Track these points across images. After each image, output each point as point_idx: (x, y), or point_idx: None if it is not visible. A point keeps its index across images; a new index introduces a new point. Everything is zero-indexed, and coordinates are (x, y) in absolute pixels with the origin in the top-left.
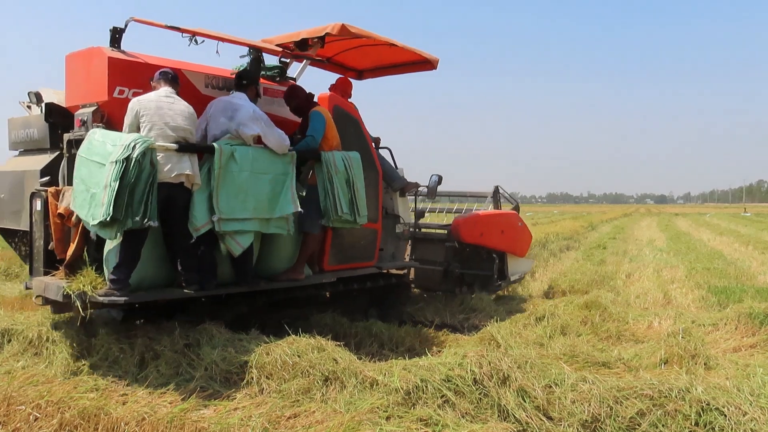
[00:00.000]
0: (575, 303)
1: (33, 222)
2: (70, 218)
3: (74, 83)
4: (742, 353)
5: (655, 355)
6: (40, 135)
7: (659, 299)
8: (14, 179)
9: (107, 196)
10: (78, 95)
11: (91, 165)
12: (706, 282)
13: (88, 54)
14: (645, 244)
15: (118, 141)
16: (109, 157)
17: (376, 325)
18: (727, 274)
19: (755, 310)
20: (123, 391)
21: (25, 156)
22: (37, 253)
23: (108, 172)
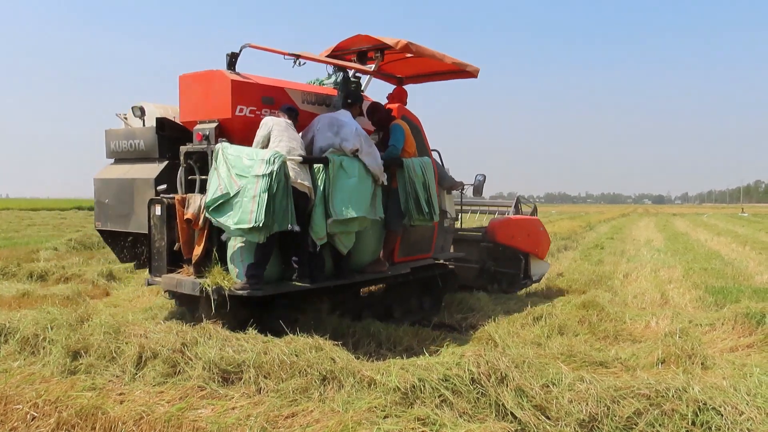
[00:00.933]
0: (573, 303)
1: (152, 225)
2: (196, 222)
3: (190, 101)
4: (738, 353)
5: (653, 354)
6: (147, 146)
7: (656, 299)
8: (122, 186)
9: (257, 204)
10: (195, 112)
11: (230, 176)
12: (704, 282)
13: (208, 76)
14: (643, 244)
15: (254, 156)
16: (248, 170)
17: (374, 325)
18: (724, 274)
19: (752, 310)
20: (120, 390)
21: (123, 164)
22: (157, 254)
23: (254, 184)
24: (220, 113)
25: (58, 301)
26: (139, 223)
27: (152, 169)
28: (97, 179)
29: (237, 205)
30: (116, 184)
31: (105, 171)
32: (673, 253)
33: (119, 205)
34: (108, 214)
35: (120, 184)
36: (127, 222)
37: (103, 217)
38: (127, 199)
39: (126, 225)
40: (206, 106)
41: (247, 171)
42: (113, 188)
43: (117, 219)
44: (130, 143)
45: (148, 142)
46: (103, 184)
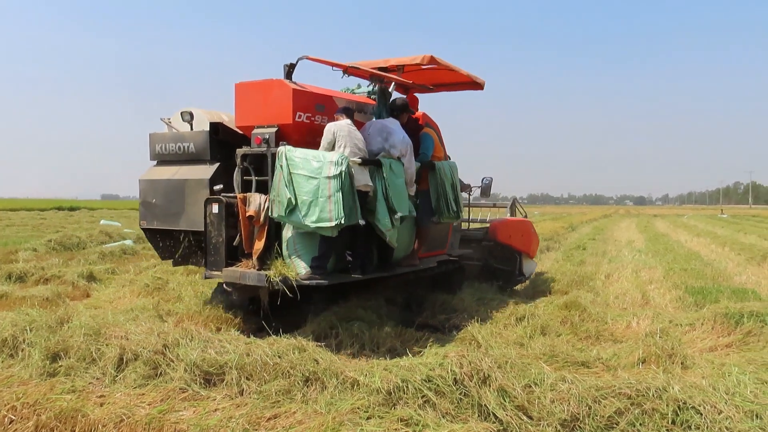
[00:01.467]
0: (555, 303)
1: (209, 223)
2: (258, 219)
3: (247, 107)
4: (718, 353)
5: (633, 354)
6: (198, 148)
7: (638, 299)
8: (172, 186)
9: (334, 203)
10: (252, 118)
11: (299, 177)
12: (684, 283)
13: (267, 84)
14: (624, 245)
15: (322, 158)
16: (318, 172)
17: (357, 326)
18: (703, 274)
19: (731, 311)
20: (101, 392)
21: (170, 166)
22: (214, 249)
23: (327, 185)
24: (281, 119)
25: (37, 302)
26: (191, 221)
27: (205, 170)
28: (144, 180)
29: (313, 204)
30: (165, 185)
31: (150, 172)
32: (654, 254)
33: (168, 205)
34: (155, 214)
35: (169, 185)
36: (176, 220)
37: (149, 216)
38: (177, 199)
39: (175, 223)
40: (265, 112)
41: (317, 173)
42: (161, 188)
43: (165, 218)
44: (179, 146)
45: (200, 144)
46: (150, 185)
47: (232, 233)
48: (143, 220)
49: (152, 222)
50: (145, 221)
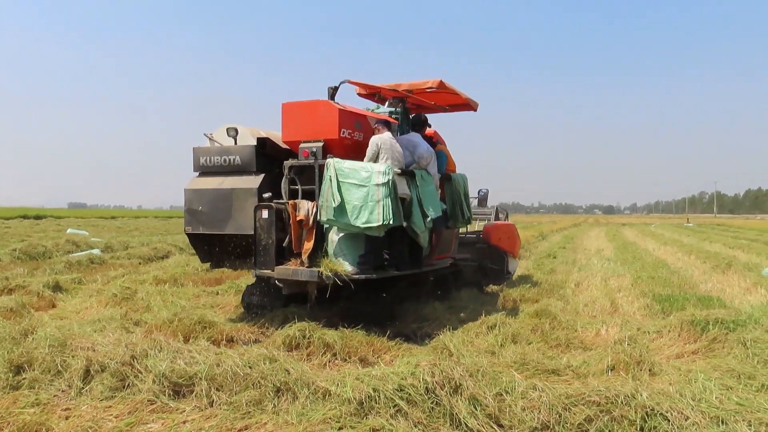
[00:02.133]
0: (526, 311)
1: (259, 227)
2: (307, 222)
3: (293, 124)
4: (684, 359)
5: (603, 362)
6: (244, 161)
7: (607, 307)
8: (219, 195)
9: (383, 207)
10: (299, 133)
11: (349, 186)
12: (651, 290)
13: (313, 104)
14: (593, 253)
15: (370, 169)
16: (367, 180)
17: (329, 335)
18: (670, 282)
19: (697, 318)
20: (66, 405)
21: (214, 177)
22: (264, 250)
23: (376, 191)
24: (327, 134)
25: (0, 313)
26: (238, 225)
27: (252, 180)
28: (189, 189)
29: (363, 208)
30: (211, 194)
31: (195, 182)
32: (623, 262)
33: (214, 212)
34: (201, 220)
35: (216, 194)
36: (223, 225)
37: (194, 222)
38: (224, 206)
39: (222, 228)
40: (312, 129)
41: (367, 181)
42: (208, 197)
43: (211, 223)
44: (224, 159)
45: (246, 157)
46: (196, 194)
47: (280, 236)
48: (188, 226)
49: (197, 227)
50: (190, 227)
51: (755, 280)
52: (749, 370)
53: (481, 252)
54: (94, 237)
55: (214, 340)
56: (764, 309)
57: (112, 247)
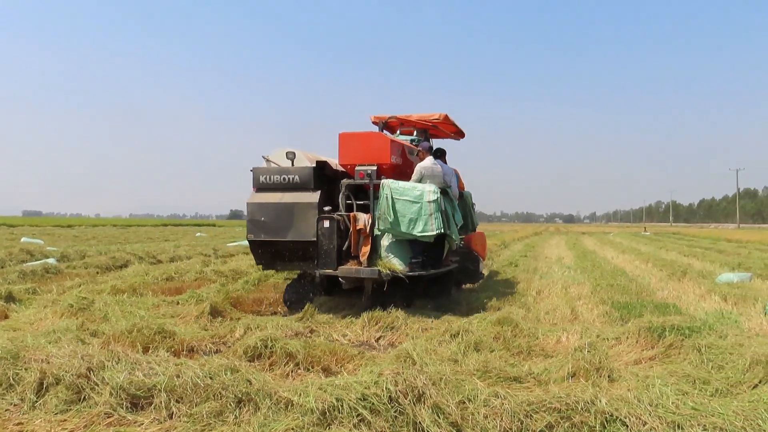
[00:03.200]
0: (488, 319)
1: (321, 235)
2: (365, 231)
3: (349, 150)
4: (642, 365)
5: (563, 369)
6: (303, 179)
7: (567, 315)
8: (281, 208)
9: (435, 219)
10: (354, 158)
11: (404, 202)
12: (610, 298)
13: (367, 135)
14: (554, 261)
15: (421, 188)
16: (419, 197)
17: (291, 344)
18: (629, 290)
19: (654, 325)
20: (19, 419)
21: (273, 193)
22: (326, 254)
23: (428, 206)
24: (381, 160)
25: None
26: (299, 233)
27: (311, 196)
28: (252, 203)
29: (418, 220)
30: (274, 207)
31: (256, 197)
32: (582, 271)
33: (276, 222)
34: (263, 228)
35: (278, 207)
36: (284, 233)
37: (256, 231)
38: (286, 217)
39: (284, 235)
40: (367, 155)
41: (419, 198)
42: (270, 210)
43: (273, 231)
44: (284, 177)
45: (304, 177)
46: (258, 207)
47: (339, 242)
48: (251, 233)
49: (259, 235)
50: (252, 234)
51: (709, 287)
52: (704, 375)
53: (463, 255)
54: (49, 246)
55: (174, 351)
56: (718, 316)
57: (68, 256)
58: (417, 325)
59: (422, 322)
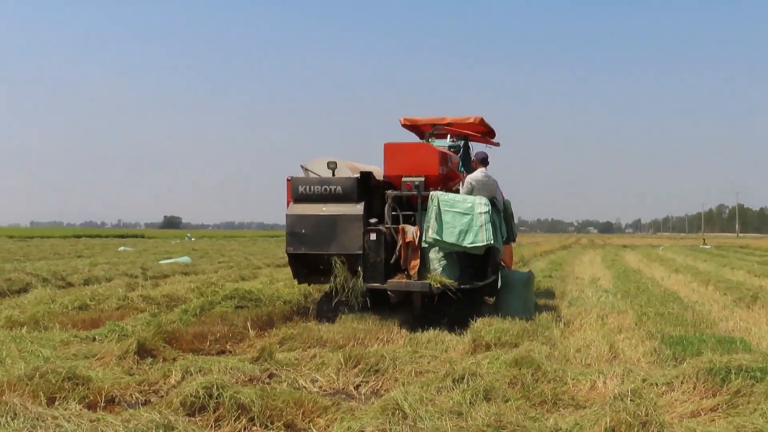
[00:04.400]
0: (502, 359)
1: (368, 247)
2: (414, 243)
3: (395, 161)
4: (701, 418)
5: (600, 423)
6: (346, 190)
7: (604, 353)
8: (323, 220)
9: (485, 231)
10: (401, 168)
11: (454, 213)
12: (659, 331)
13: (415, 146)
14: (587, 283)
15: (471, 200)
16: (470, 209)
17: (243, 392)
18: (683, 320)
19: (716, 365)
20: None
21: (313, 204)
22: (373, 267)
23: (479, 218)
24: (429, 171)
25: None
26: (342, 246)
27: (355, 207)
28: (291, 215)
29: (468, 232)
30: (315, 219)
31: (296, 208)
32: (624, 295)
33: (317, 234)
34: (304, 241)
35: (320, 219)
36: (326, 246)
37: (296, 243)
38: (328, 230)
39: (326, 248)
40: (414, 166)
41: (470, 210)
42: (311, 222)
43: (314, 244)
44: (325, 188)
45: (347, 188)
46: (299, 219)
47: (386, 255)
48: (290, 246)
49: (300, 248)
50: (292, 247)
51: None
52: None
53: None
54: None
55: (89, 403)
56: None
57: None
58: (409, 367)
59: (416, 363)
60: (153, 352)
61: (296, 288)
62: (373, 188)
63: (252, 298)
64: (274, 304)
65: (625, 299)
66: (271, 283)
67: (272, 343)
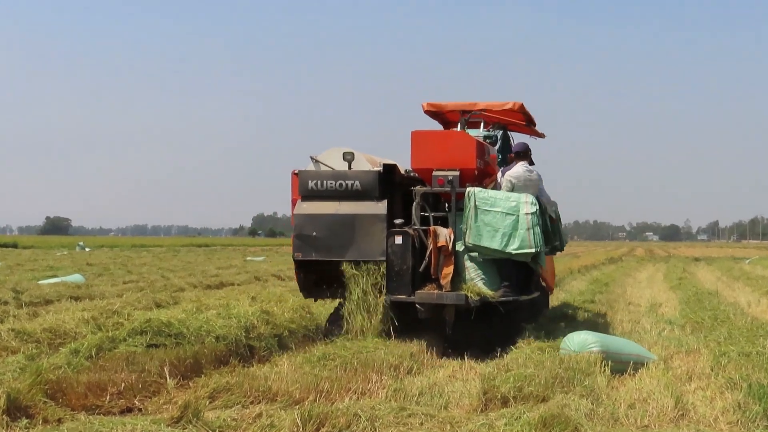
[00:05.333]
0: (525, 419)
1: (392, 253)
2: (447, 249)
3: (424, 153)
4: None
5: None
6: (366, 186)
7: (667, 409)
8: (337, 221)
9: (534, 235)
10: (431, 161)
11: (495, 214)
12: (745, 378)
13: (448, 134)
14: (644, 311)
15: (516, 198)
16: (514, 209)
17: None
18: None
19: None
20: None
21: (325, 202)
22: (397, 276)
23: (525, 220)
24: (464, 164)
25: None
26: (362, 252)
27: (377, 206)
28: (300, 215)
29: (513, 236)
30: (328, 219)
31: (305, 207)
32: (695, 328)
33: (331, 237)
34: (315, 246)
35: (335, 219)
36: (341, 252)
37: (305, 248)
38: (345, 232)
39: (342, 254)
40: (447, 158)
41: (515, 210)
42: (324, 222)
43: (327, 250)
44: (340, 183)
45: (367, 183)
46: (309, 219)
47: (413, 262)
48: (298, 252)
49: (309, 254)
50: (300, 253)
51: None
52: None
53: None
54: None
55: None
56: None
57: None
58: (393, 430)
59: (403, 425)
60: (29, 410)
61: (235, 319)
62: (396, 184)
63: (171, 334)
64: (203, 341)
65: (697, 334)
66: (198, 312)
67: (200, 398)
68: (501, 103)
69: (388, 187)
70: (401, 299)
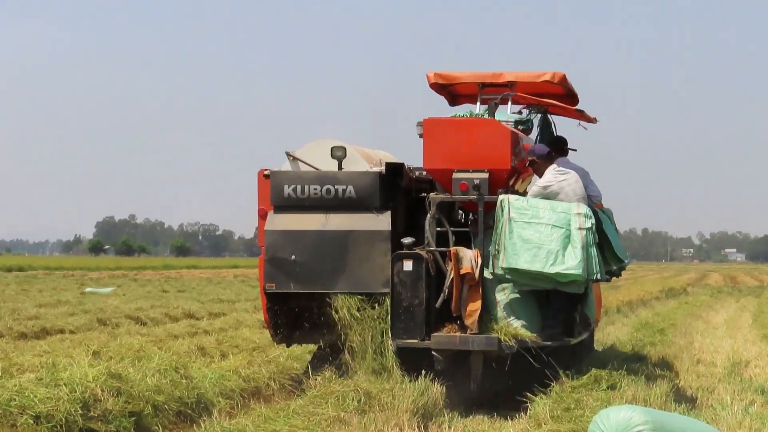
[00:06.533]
0: None
1: (398, 283)
2: (473, 277)
3: (440, 147)
4: None
5: None
6: (361, 192)
7: None
8: (325, 239)
9: (589, 257)
10: (450, 160)
11: (537, 227)
12: None
13: (472, 123)
14: (722, 373)
15: (566, 209)
16: (565, 222)
17: None
18: None
19: None
20: None
21: (308, 213)
22: (406, 313)
23: (579, 236)
24: (495, 163)
25: None
26: (356, 281)
27: (376, 219)
28: (273, 231)
29: (561, 254)
30: (313, 238)
31: (280, 221)
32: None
33: (316, 262)
34: (294, 273)
35: (321, 237)
36: (330, 282)
37: (280, 277)
38: (334, 255)
39: (329, 285)
40: (472, 155)
41: (564, 223)
42: (306, 242)
43: (310, 279)
44: (328, 189)
45: (364, 188)
46: (285, 237)
47: (427, 295)
48: (271, 281)
49: (287, 284)
50: (274, 283)
51: None
52: None
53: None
54: None
55: None
56: None
57: None
58: None
59: None
60: None
61: (66, 387)
62: (404, 190)
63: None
64: (13, 423)
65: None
66: (5, 377)
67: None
68: (536, 74)
69: (392, 193)
70: (411, 345)
